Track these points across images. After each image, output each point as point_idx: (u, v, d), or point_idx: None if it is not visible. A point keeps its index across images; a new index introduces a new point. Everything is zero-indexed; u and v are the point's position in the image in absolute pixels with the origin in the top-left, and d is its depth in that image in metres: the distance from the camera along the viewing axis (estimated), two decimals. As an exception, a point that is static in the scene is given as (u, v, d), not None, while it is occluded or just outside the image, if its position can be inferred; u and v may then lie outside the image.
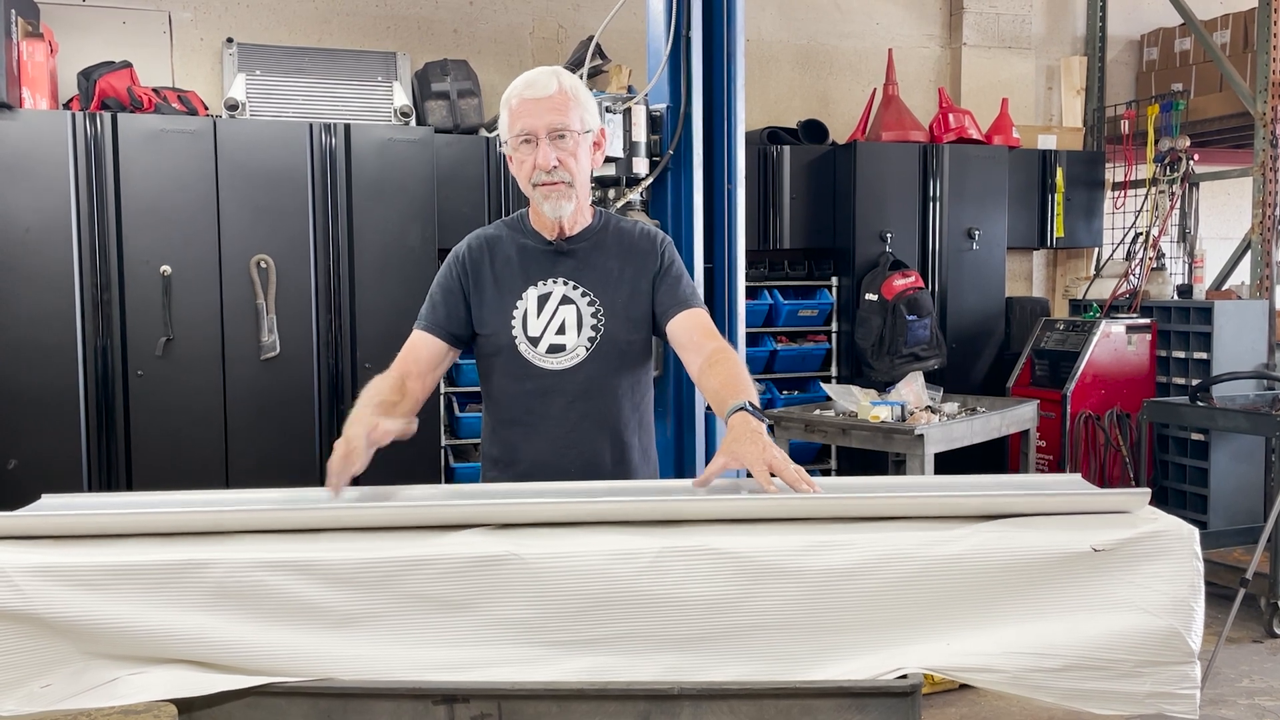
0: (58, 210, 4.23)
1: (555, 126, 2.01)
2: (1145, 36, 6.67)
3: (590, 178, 2.16)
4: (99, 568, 1.46)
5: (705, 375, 2.02)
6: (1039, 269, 6.67)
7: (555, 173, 2.03)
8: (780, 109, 6.04)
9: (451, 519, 1.62)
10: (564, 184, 2.04)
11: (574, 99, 2.04)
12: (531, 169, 2.03)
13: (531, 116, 2.02)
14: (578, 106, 2.04)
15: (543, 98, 2.02)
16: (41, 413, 4.24)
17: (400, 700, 1.47)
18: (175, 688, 1.46)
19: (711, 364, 2.01)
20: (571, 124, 2.03)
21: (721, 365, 2.00)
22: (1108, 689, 1.46)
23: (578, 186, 2.07)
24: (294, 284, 4.51)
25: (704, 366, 2.03)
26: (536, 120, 2.01)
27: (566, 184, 2.04)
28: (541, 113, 2.01)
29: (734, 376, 1.95)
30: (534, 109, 2.02)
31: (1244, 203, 5.81)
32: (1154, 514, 1.57)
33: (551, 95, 2.02)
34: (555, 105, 2.02)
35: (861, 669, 1.47)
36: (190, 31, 5.08)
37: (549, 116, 2.01)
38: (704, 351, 2.05)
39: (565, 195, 2.05)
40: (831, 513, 1.62)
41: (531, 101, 2.02)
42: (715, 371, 1.99)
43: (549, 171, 2.02)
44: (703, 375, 2.03)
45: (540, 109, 2.02)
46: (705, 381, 2.02)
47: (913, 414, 4.43)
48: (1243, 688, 3.90)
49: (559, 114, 2.02)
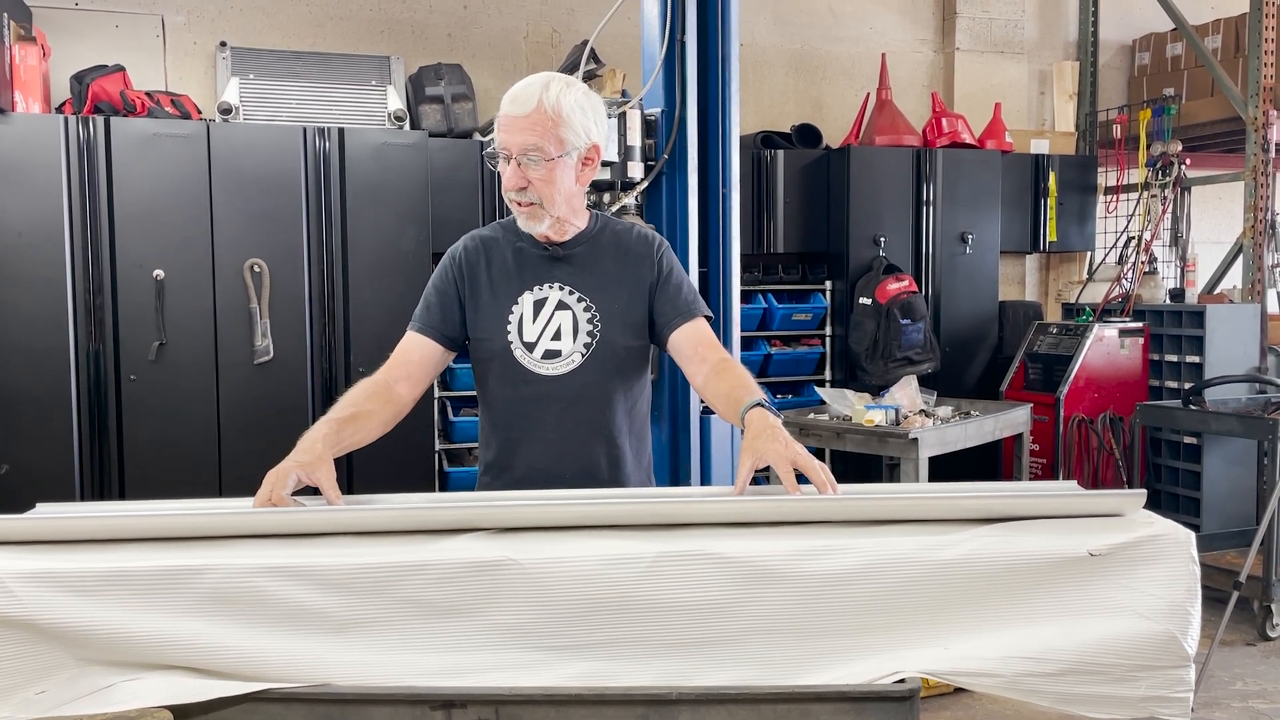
0: (50, 214, 4.21)
1: (527, 147, 1.96)
2: (1137, 41, 6.69)
3: (579, 194, 2.10)
4: (94, 574, 1.46)
5: (711, 383, 2.01)
6: (1032, 273, 6.68)
7: (523, 194, 2.00)
8: (774, 113, 6.05)
9: (448, 523, 1.61)
10: (535, 204, 2.01)
11: (555, 118, 1.95)
12: (506, 184, 2.01)
13: (507, 133, 1.98)
14: (558, 126, 1.96)
15: (519, 115, 1.96)
16: (33, 418, 4.22)
17: (397, 706, 1.46)
18: (171, 694, 1.45)
19: (718, 373, 2.01)
20: (546, 146, 1.95)
21: (729, 373, 2.00)
22: (1103, 693, 1.46)
23: (549, 207, 2.02)
24: (288, 288, 4.50)
25: (709, 375, 2.02)
26: (510, 139, 1.97)
27: (536, 204, 2.01)
28: (516, 131, 1.96)
29: (743, 381, 1.96)
30: (510, 126, 1.97)
31: (1236, 207, 5.83)
32: (1150, 518, 1.57)
33: (528, 114, 1.95)
34: (531, 124, 1.95)
35: (859, 673, 1.47)
36: (183, 35, 5.07)
37: (521, 136, 1.96)
38: (709, 362, 2.05)
39: (535, 215, 2.02)
40: (829, 515, 1.62)
41: (509, 118, 1.98)
42: (723, 379, 1.99)
43: (517, 192, 2.00)
44: (708, 384, 2.03)
45: (516, 127, 1.97)
46: (712, 388, 2.01)
47: (907, 418, 4.44)
48: (1236, 690, 3.91)
49: (533, 135, 1.95)
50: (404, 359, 2.10)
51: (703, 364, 2.05)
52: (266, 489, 1.72)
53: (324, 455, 1.81)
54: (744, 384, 1.94)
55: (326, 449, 1.83)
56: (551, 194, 2.01)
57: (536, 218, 2.03)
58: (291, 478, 1.74)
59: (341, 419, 1.92)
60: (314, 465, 1.78)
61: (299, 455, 1.80)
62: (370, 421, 1.98)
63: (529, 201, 2.01)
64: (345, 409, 1.95)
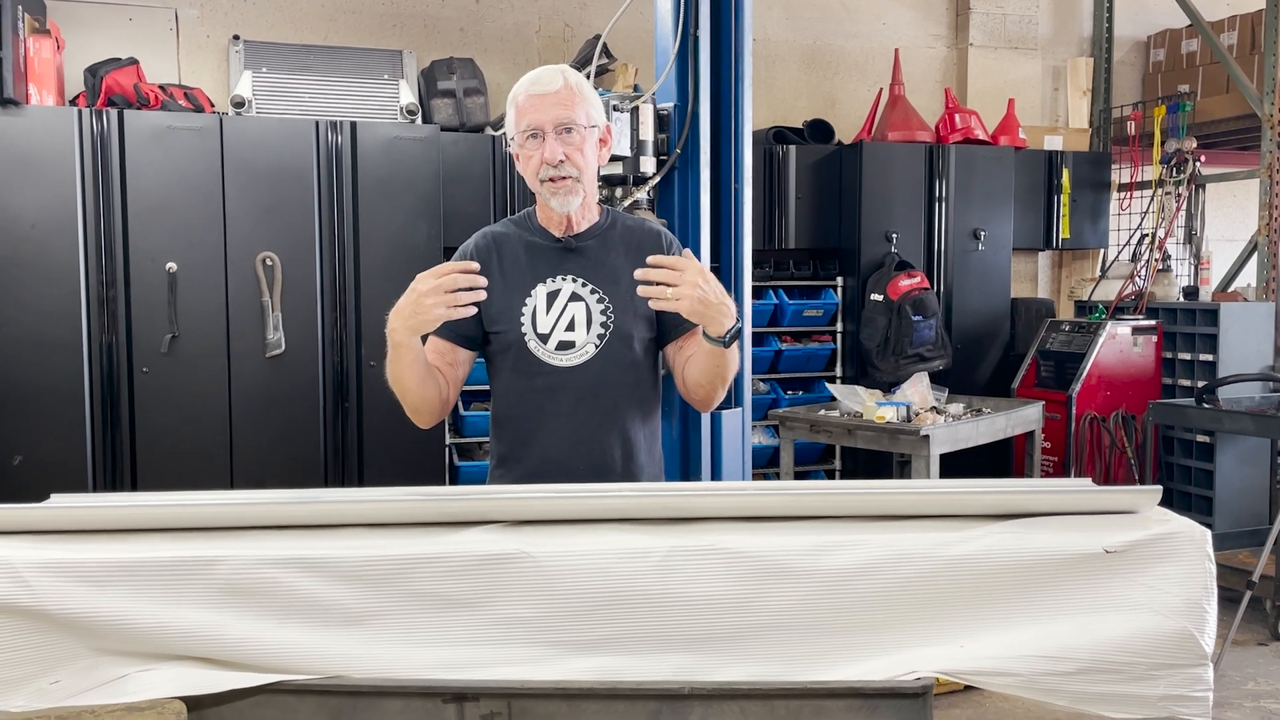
0: (64, 207, 4.23)
1: (561, 121, 2.03)
2: (1152, 38, 6.65)
3: (597, 174, 2.17)
4: (108, 564, 1.46)
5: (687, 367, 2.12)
6: (1044, 270, 6.66)
7: (562, 167, 2.04)
8: (786, 109, 6.03)
9: (461, 515, 1.61)
10: (571, 179, 2.05)
11: (579, 95, 2.06)
12: (539, 165, 2.04)
13: (538, 112, 2.03)
14: (583, 102, 2.06)
15: (549, 93, 2.04)
16: (46, 409, 4.23)
17: (410, 699, 1.46)
18: (184, 685, 1.45)
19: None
20: (577, 119, 2.04)
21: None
22: (1121, 692, 1.45)
23: (584, 181, 2.08)
24: (299, 282, 4.50)
25: (686, 364, 2.13)
26: (543, 115, 2.03)
27: (574, 179, 2.05)
28: (547, 108, 2.03)
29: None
30: (540, 104, 2.03)
31: (1250, 204, 5.80)
32: (1166, 515, 1.56)
33: (557, 90, 2.04)
34: (561, 100, 2.03)
35: (873, 671, 1.46)
36: (196, 28, 5.08)
37: (555, 111, 2.03)
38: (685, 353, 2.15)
39: (572, 190, 2.06)
40: (842, 510, 1.61)
41: (538, 97, 2.04)
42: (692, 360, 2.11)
43: (556, 166, 2.03)
44: (685, 369, 2.13)
45: (546, 104, 2.03)
46: (688, 370, 2.12)
47: (918, 415, 4.43)
48: (1248, 690, 3.89)
49: (565, 109, 2.03)
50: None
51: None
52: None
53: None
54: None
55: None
56: (585, 166, 2.07)
57: (573, 192, 2.07)
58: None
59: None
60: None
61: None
62: (438, 379, 2.10)
63: (565, 175, 2.04)
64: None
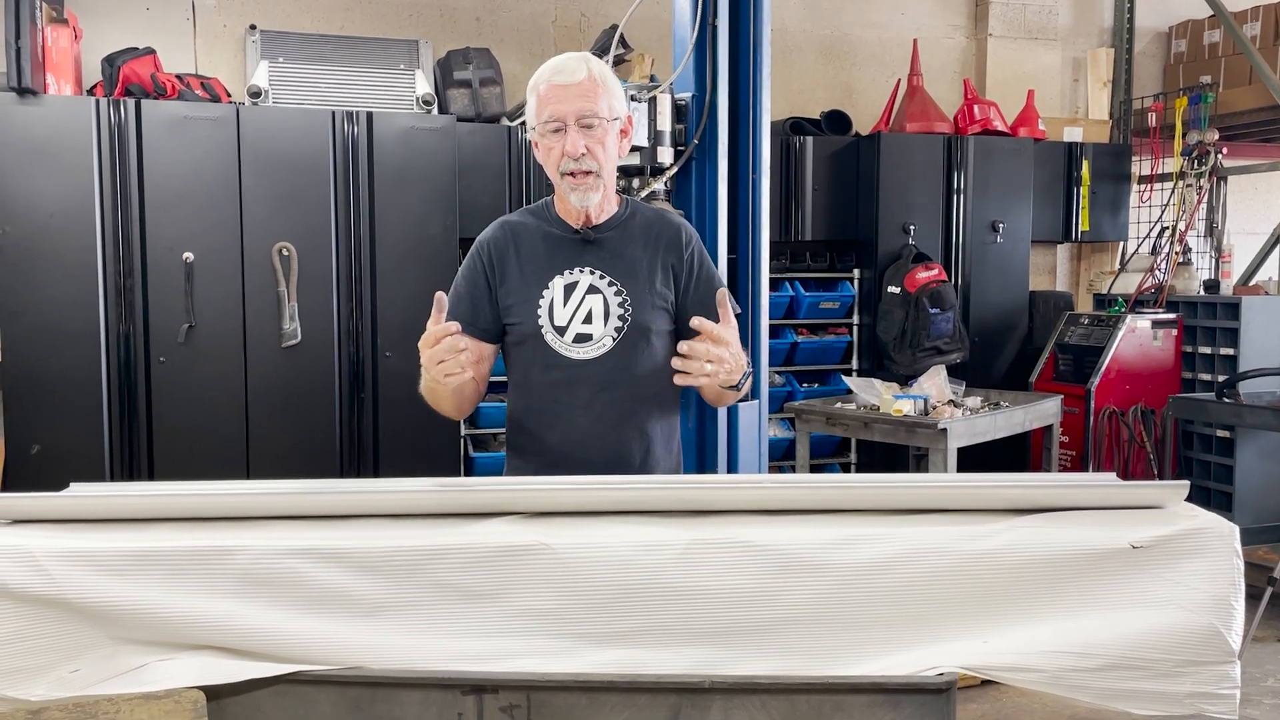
0: (81, 196, 4.24)
1: (584, 113, 1.99)
2: (1174, 28, 6.59)
3: (616, 165, 2.13)
4: (127, 553, 1.46)
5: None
6: (1063, 263, 6.61)
7: (583, 161, 2.00)
8: (804, 99, 6.00)
9: (480, 506, 1.60)
10: (592, 174, 2.01)
11: (602, 85, 2.01)
12: (560, 157, 2.01)
13: (560, 103, 1.99)
14: (606, 93, 2.02)
15: (571, 84, 1.99)
16: (64, 398, 4.25)
17: (429, 690, 1.45)
18: (203, 675, 1.45)
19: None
20: (600, 111, 2.00)
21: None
22: (1148, 689, 1.43)
23: (605, 175, 2.04)
24: (315, 272, 4.51)
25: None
26: (565, 106, 1.99)
27: (594, 174, 2.02)
28: (570, 99, 1.99)
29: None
30: (562, 95, 1.99)
31: (1273, 197, 5.75)
32: (1193, 510, 1.54)
33: (580, 81, 1.99)
34: (584, 91, 1.99)
35: (896, 666, 1.44)
36: (213, 18, 5.08)
37: (577, 103, 1.99)
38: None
39: (593, 186, 2.03)
40: (864, 504, 1.60)
41: (560, 88, 1.99)
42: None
43: (577, 159, 2.00)
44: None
45: (569, 95, 1.99)
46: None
47: (935, 408, 4.41)
48: (1268, 687, 3.86)
49: (587, 100, 1.99)
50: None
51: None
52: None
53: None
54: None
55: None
56: (606, 160, 2.03)
57: (594, 188, 2.03)
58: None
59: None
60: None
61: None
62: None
63: (586, 170, 2.01)
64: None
